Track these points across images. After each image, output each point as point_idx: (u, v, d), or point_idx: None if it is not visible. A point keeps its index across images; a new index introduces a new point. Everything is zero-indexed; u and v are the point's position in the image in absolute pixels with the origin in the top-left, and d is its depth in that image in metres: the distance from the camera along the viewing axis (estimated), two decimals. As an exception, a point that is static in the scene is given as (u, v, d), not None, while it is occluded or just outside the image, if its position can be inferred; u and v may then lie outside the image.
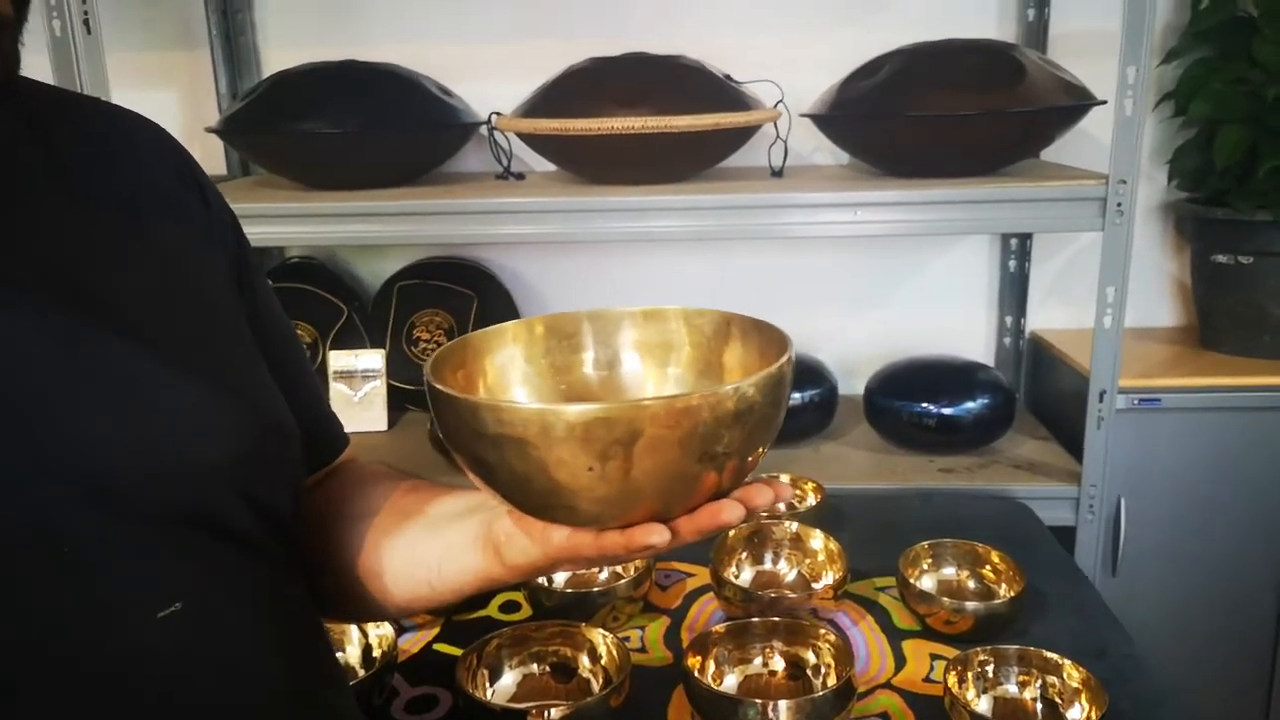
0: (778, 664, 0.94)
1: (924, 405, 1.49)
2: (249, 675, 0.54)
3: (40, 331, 0.48)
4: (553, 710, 0.82)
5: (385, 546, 0.64)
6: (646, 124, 1.28)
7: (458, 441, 0.50)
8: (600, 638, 0.93)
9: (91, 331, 0.50)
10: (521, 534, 0.54)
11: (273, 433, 0.58)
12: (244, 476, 0.55)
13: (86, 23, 1.23)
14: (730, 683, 0.92)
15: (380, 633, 0.95)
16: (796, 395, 1.50)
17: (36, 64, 0.59)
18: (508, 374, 0.62)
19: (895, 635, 1.02)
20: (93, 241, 0.53)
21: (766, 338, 0.57)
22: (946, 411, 1.48)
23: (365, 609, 0.68)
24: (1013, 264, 1.72)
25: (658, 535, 0.49)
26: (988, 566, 1.09)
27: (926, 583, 1.08)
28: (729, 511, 0.49)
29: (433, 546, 0.61)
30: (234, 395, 0.56)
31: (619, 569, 1.10)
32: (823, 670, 0.92)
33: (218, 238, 0.62)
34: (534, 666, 0.94)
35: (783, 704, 0.82)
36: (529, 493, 0.49)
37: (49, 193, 0.53)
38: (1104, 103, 1.30)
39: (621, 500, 0.48)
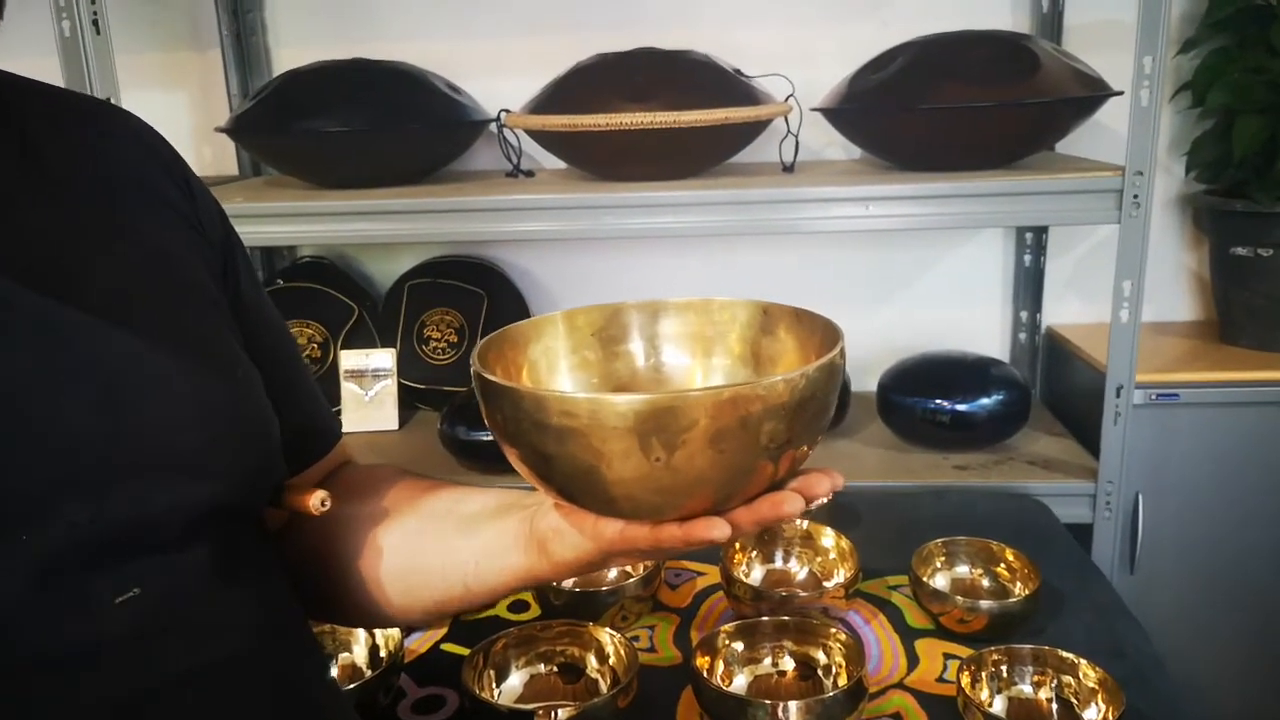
0: (788, 664, 0.93)
1: (938, 402, 1.47)
2: (216, 649, 0.52)
3: (13, 317, 0.48)
4: (560, 711, 0.82)
5: (410, 550, 0.63)
6: (656, 119, 1.27)
7: (515, 435, 0.49)
8: (608, 637, 0.92)
9: (65, 317, 0.49)
10: (572, 529, 0.52)
11: (249, 417, 0.58)
12: (221, 461, 0.54)
13: (95, 23, 1.23)
14: (740, 683, 0.91)
15: (387, 633, 0.95)
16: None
17: (46, 65, 0.59)
18: (547, 367, 0.61)
19: (908, 634, 1.01)
20: (67, 229, 0.53)
21: (808, 327, 0.57)
22: (961, 408, 1.46)
23: (370, 614, 0.66)
24: (1028, 258, 1.71)
25: (719, 530, 0.48)
26: (1002, 565, 1.07)
27: (940, 581, 1.06)
28: (790, 503, 0.48)
29: (467, 548, 0.60)
30: (210, 381, 0.55)
31: (628, 568, 1.10)
32: (834, 670, 0.90)
33: (203, 230, 0.61)
34: (541, 666, 0.93)
35: (793, 705, 0.81)
36: (590, 485, 0.48)
37: (22, 181, 0.52)
38: (1120, 93, 1.28)
39: (683, 491, 0.47)
